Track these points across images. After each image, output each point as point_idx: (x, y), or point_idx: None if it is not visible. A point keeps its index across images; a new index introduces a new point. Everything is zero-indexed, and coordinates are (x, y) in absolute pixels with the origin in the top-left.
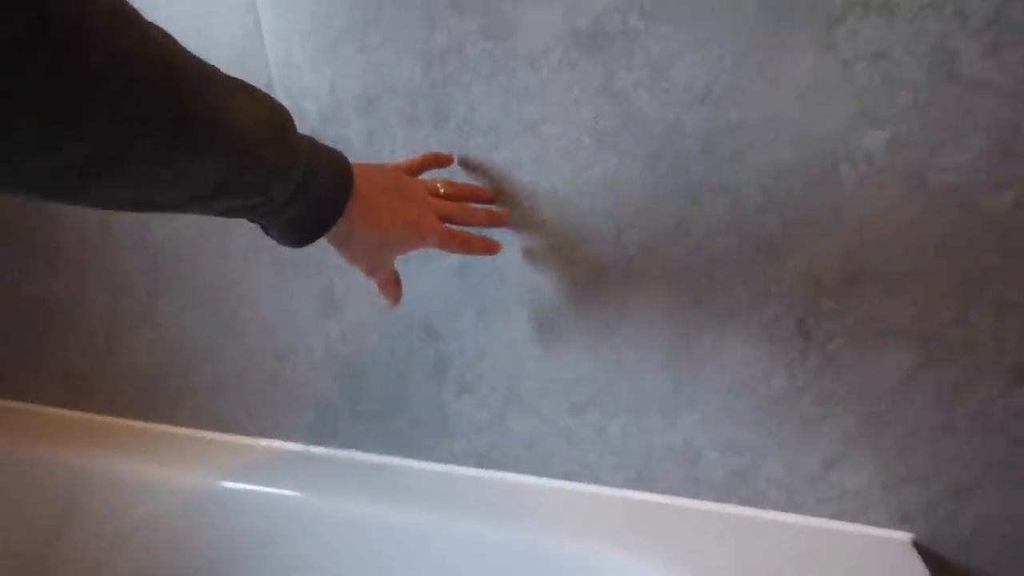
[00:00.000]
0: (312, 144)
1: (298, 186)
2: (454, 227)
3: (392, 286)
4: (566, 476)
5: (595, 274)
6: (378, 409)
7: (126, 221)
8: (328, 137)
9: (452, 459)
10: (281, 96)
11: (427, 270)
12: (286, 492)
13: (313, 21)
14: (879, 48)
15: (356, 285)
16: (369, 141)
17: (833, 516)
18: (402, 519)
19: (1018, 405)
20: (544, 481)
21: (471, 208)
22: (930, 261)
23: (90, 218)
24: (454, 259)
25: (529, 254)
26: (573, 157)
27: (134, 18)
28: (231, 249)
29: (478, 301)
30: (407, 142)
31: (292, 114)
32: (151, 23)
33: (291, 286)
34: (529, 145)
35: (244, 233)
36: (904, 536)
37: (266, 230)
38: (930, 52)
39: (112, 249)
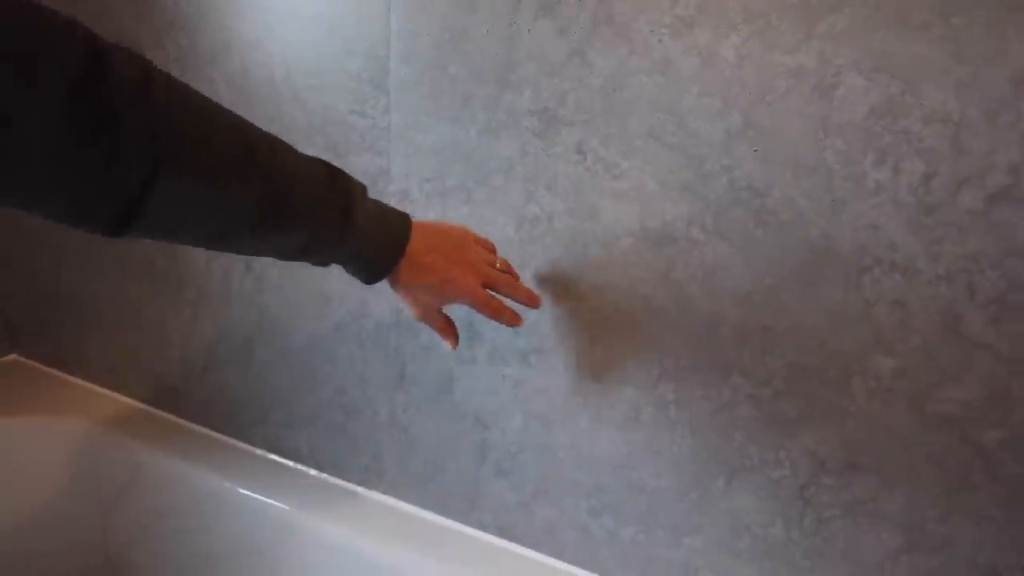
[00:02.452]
0: (376, 206)
1: (361, 242)
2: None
3: (445, 331)
4: (576, 563)
5: (634, 410)
6: (423, 470)
7: (246, 282)
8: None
9: (479, 526)
10: None
11: (490, 376)
12: (331, 527)
13: (433, 172)
14: (897, 297)
15: (424, 371)
16: None
17: None
18: (425, 566)
19: None
20: (555, 562)
21: (515, 283)
22: (920, 467)
23: (216, 272)
24: (514, 371)
25: (575, 387)
26: (628, 321)
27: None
28: (325, 320)
29: (526, 408)
30: None
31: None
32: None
33: (370, 359)
34: (591, 302)
35: (336, 308)
36: None
37: (343, 265)
38: (940, 311)
39: (227, 300)
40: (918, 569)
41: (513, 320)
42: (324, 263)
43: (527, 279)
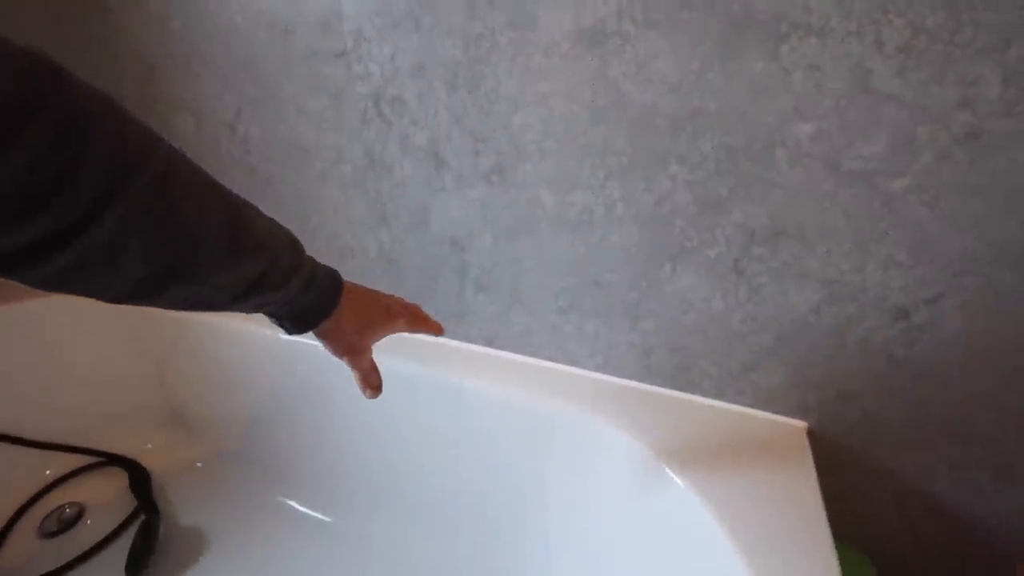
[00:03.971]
0: (311, 258)
1: (306, 282)
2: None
3: (372, 373)
4: (551, 359)
5: (586, 212)
6: (415, 297)
7: (233, 144)
8: (387, 95)
9: (467, 339)
10: (354, 60)
11: (459, 201)
12: None
13: (381, 5)
14: (812, 62)
15: (402, 206)
16: (419, 99)
17: (748, 405)
18: (425, 374)
19: (895, 337)
20: (534, 361)
21: (426, 316)
22: (838, 225)
23: (207, 138)
24: (480, 193)
25: (534, 198)
26: (573, 125)
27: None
28: (308, 170)
29: (494, 228)
30: (448, 102)
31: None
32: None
33: (353, 202)
34: (539, 113)
35: (315, 158)
36: (801, 424)
37: (276, 319)
38: (852, 68)
39: (219, 163)
40: (838, 317)
41: (438, 329)
42: (272, 299)
43: (482, 93)
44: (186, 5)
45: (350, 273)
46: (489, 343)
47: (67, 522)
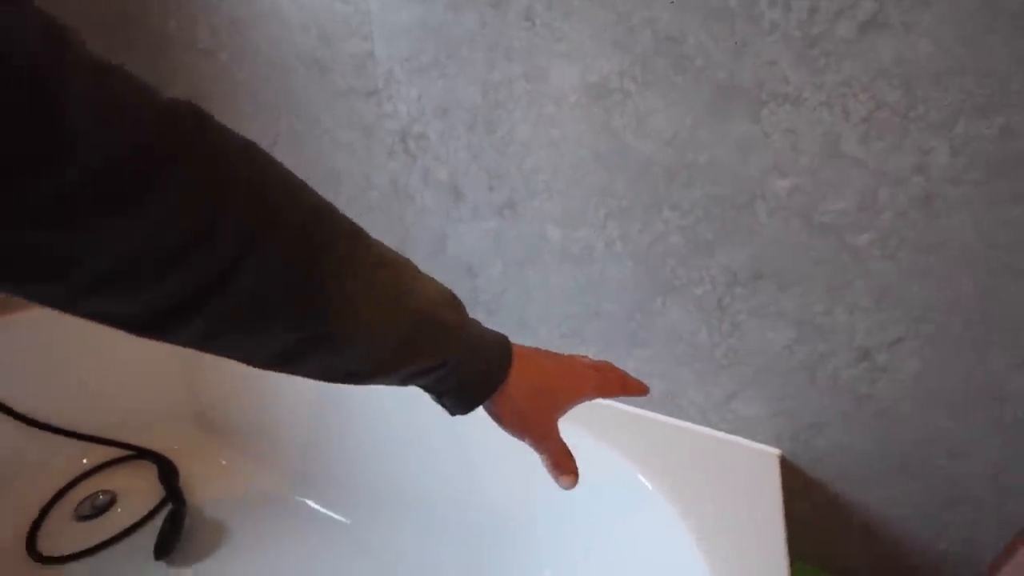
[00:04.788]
0: (476, 321)
1: (468, 349)
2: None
3: (564, 458)
4: None
5: (588, 248)
6: None
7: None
8: (413, 132)
9: None
10: (384, 98)
11: (474, 231)
12: None
13: (410, 52)
14: (789, 126)
15: (423, 233)
16: (441, 137)
17: (729, 431)
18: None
19: (860, 375)
20: None
21: (623, 375)
22: (810, 271)
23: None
24: (493, 225)
25: (542, 232)
26: (579, 168)
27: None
28: (336, 195)
29: (505, 257)
30: (467, 141)
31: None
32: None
33: (378, 227)
34: (549, 156)
35: (344, 183)
36: (774, 451)
37: (435, 396)
38: (824, 133)
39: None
40: (810, 354)
41: (641, 389)
42: (428, 368)
43: (498, 136)
44: (234, 40)
45: None
46: None
47: (100, 508)
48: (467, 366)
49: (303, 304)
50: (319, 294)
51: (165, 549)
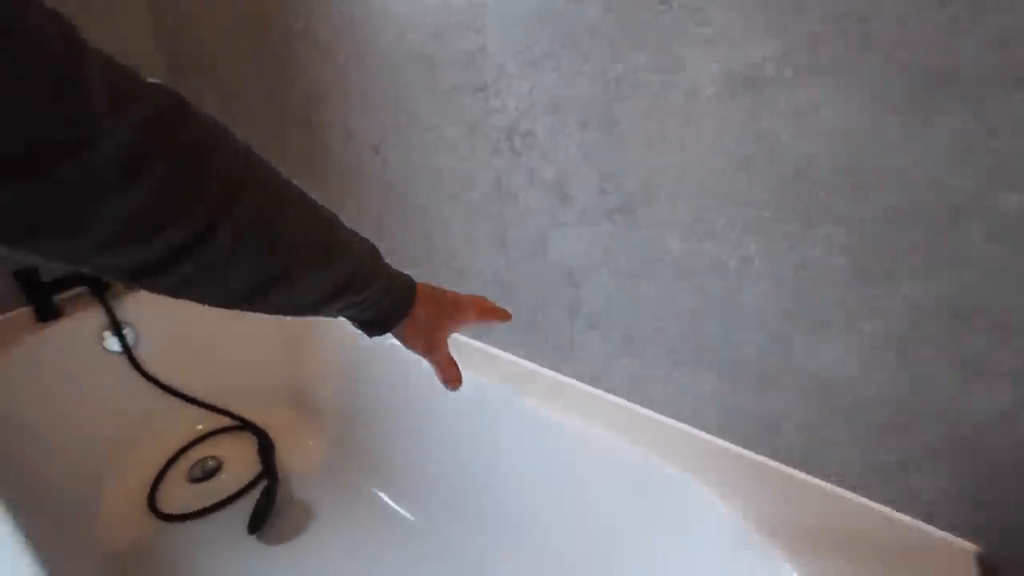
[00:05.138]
0: (387, 264)
1: (385, 286)
2: None
3: (450, 367)
4: (660, 411)
5: (717, 264)
6: (524, 324)
7: (375, 162)
8: (520, 129)
9: (572, 374)
10: (492, 94)
11: (580, 236)
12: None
13: (525, 43)
14: None
15: (523, 234)
16: (550, 135)
17: (895, 508)
18: (527, 406)
19: None
20: (640, 409)
21: (492, 305)
22: None
23: (351, 155)
24: (602, 231)
25: (661, 242)
26: (712, 172)
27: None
28: (437, 192)
29: (613, 267)
30: (579, 139)
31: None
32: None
33: (477, 226)
34: (675, 157)
35: (447, 181)
36: (968, 546)
37: (357, 323)
38: None
39: (362, 178)
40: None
41: (506, 316)
42: (357, 301)
43: (616, 134)
44: (351, 42)
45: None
46: (594, 382)
47: (209, 472)
48: (383, 301)
49: (266, 254)
50: (278, 245)
51: (257, 524)
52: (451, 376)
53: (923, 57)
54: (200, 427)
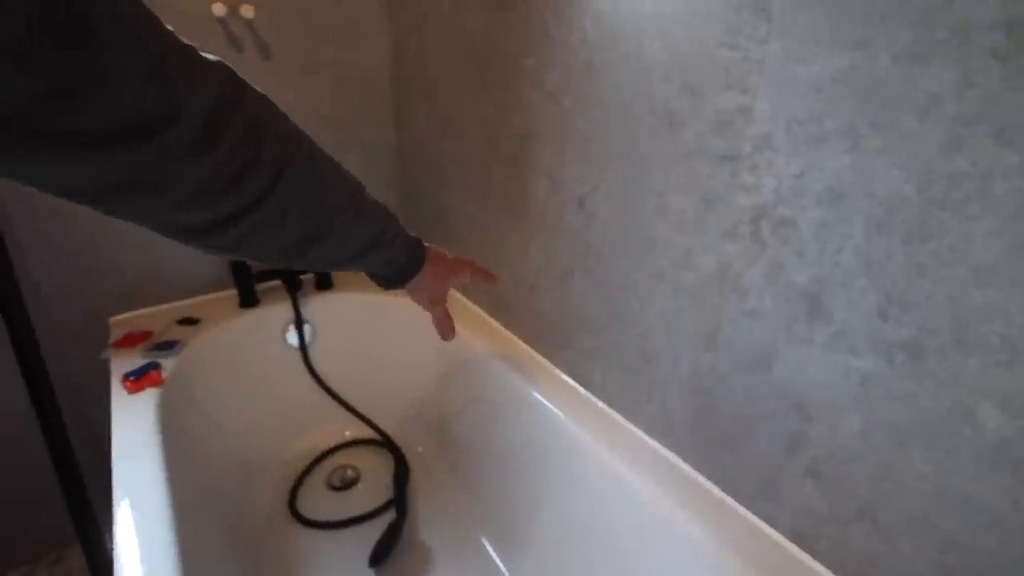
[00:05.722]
0: (402, 227)
1: (403, 243)
2: None
3: (446, 319)
4: None
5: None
6: (717, 441)
7: (577, 218)
8: (774, 215)
9: (770, 522)
10: (745, 168)
11: (827, 364)
12: (609, 455)
13: (809, 114)
14: None
15: (742, 337)
16: (818, 230)
17: None
18: (694, 532)
19: None
20: None
21: (483, 267)
22: None
23: (552, 205)
24: (868, 367)
25: (965, 407)
26: None
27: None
28: (646, 264)
29: (873, 418)
30: (864, 245)
31: None
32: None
33: (684, 311)
34: (1019, 294)
35: (659, 255)
36: None
37: (377, 277)
38: None
39: (559, 232)
40: None
41: (490, 278)
42: (381, 257)
43: (922, 252)
44: (583, 85)
45: (649, 378)
46: (798, 541)
47: (347, 482)
48: (401, 257)
49: (310, 214)
50: (320, 207)
51: (379, 558)
52: (447, 327)
53: None
54: (348, 433)
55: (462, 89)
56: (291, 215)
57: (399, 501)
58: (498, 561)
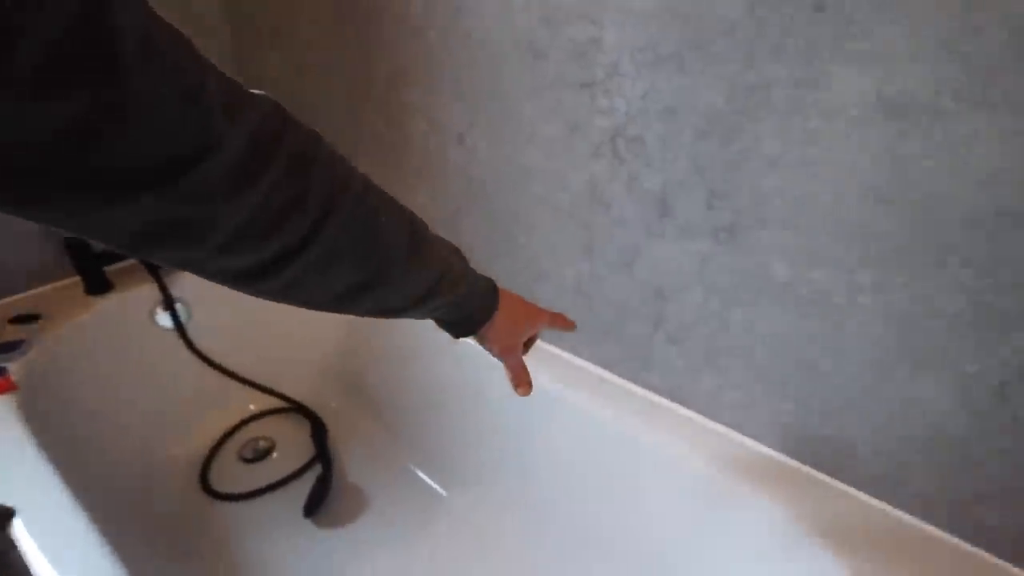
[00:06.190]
0: (471, 268)
1: (470, 287)
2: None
3: (523, 371)
4: (736, 428)
5: (820, 294)
6: (600, 333)
7: (459, 153)
8: (627, 133)
9: (647, 386)
10: (600, 92)
11: (676, 251)
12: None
13: (648, 40)
14: None
15: (611, 244)
16: (661, 143)
17: (961, 536)
18: (598, 412)
19: None
20: (715, 425)
21: (563, 316)
22: None
23: (433, 144)
24: (702, 248)
25: (765, 266)
26: (837, 198)
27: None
28: (525, 192)
29: (709, 286)
30: (692, 150)
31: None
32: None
33: (565, 230)
34: (798, 179)
35: (536, 181)
36: None
37: (445, 324)
38: None
39: (443, 171)
40: None
41: (570, 325)
42: (445, 302)
43: (735, 149)
44: (445, 19)
45: (540, 298)
46: (669, 395)
47: (260, 453)
48: (470, 302)
49: (363, 257)
50: (374, 248)
51: (313, 508)
52: (522, 380)
53: None
54: (253, 407)
55: (318, 31)
56: (343, 255)
57: (322, 455)
58: (431, 483)
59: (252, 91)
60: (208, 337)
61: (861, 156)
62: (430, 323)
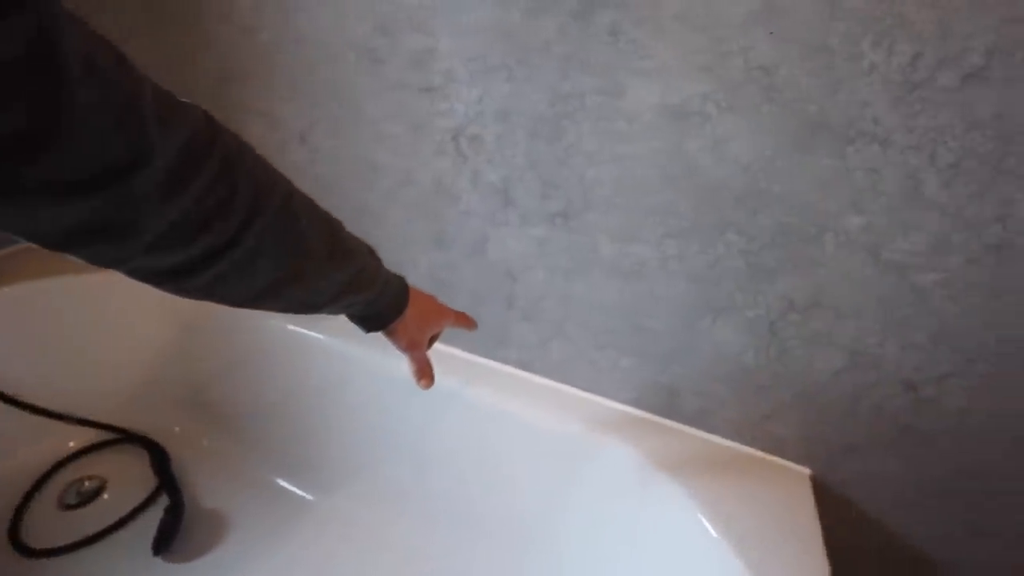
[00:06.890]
0: (385, 267)
1: (383, 285)
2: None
3: (428, 366)
4: (586, 388)
5: (640, 264)
6: None
7: (301, 153)
8: (467, 132)
9: (504, 360)
10: (440, 97)
11: (520, 237)
12: (379, 357)
13: (477, 52)
14: (873, 165)
15: (461, 233)
16: (498, 141)
17: (761, 449)
18: (455, 389)
19: (904, 406)
20: (568, 388)
21: (466, 315)
22: (869, 305)
23: (272, 144)
24: (541, 232)
25: (593, 244)
26: (642, 186)
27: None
28: (374, 188)
29: (549, 265)
30: (526, 148)
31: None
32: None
33: (414, 222)
34: (612, 171)
35: (384, 177)
36: (805, 471)
37: (357, 319)
38: (907, 176)
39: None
40: (856, 383)
41: (472, 324)
42: (360, 299)
43: (561, 146)
44: (277, 20)
45: None
46: (525, 367)
47: (87, 495)
48: (382, 300)
49: (285, 255)
50: (295, 247)
51: (165, 543)
52: (425, 373)
53: (808, 108)
54: (72, 444)
55: (130, 29)
56: (266, 255)
57: (167, 483)
58: (296, 490)
59: (183, 100)
60: (9, 374)
61: (658, 152)
62: (277, 322)
